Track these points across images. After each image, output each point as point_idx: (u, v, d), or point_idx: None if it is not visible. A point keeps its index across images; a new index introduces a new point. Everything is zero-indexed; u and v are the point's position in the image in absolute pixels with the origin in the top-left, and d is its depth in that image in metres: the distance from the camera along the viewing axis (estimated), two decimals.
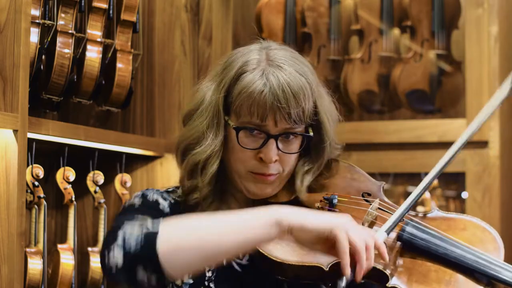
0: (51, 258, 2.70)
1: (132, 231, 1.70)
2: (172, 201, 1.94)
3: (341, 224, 1.70)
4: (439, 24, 3.57)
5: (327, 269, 1.78)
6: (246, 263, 1.92)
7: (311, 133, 1.91)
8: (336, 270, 1.76)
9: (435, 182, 3.51)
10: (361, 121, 3.62)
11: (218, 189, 1.92)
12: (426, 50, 3.58)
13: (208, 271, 1.89)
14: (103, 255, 1.71)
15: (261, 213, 1.72)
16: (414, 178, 3.57)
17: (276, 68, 1.86)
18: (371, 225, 1.89)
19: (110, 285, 2.89)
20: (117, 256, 1.68)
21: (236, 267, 1.91)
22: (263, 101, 1.83)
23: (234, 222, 1.71)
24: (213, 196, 1.91)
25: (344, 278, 1.71)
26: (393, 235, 1.86)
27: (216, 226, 1.71)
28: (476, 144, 3.25)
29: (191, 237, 1.69)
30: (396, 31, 3.69)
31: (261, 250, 1.81)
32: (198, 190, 1.90)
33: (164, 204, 1.92)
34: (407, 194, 3.62)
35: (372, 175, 2.05)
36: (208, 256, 1.69)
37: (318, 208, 1.91)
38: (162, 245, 1.67)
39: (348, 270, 1.69)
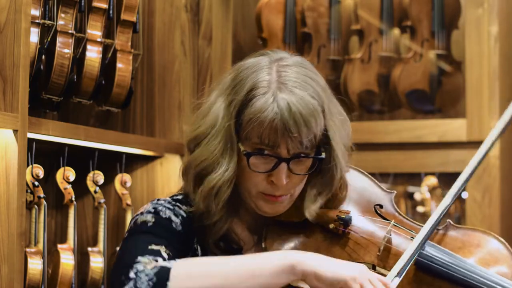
0: (51, 258, 2.70)
1: (144, 268, 1.69)
2: (184, 215, 1.90)
3: (356, 277, 1.68)
4: (439, 24, 3.57)
5: None
6: None
7: (323, 155, 1.88)
8: None
9: (435, 182, 3.51)
10: (361, 121, 3.62)
11: (231, 205, 1.90)
12: (426, 50, 3.58)
13: None
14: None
15: (275, 257, 1.71)
16: (414, 178, 3.57)
17: (287, 93, 1.81)
18: (387, 245, 1.88)
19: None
20: None
21: None
22: (274, 128, 1.80)
23: (249, 268, 1.70)
24: (226, 215, 1.89)
25: None
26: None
27: (229, 270, 1.70)
28: (476, 144, 3.24)
29: (204, 281, 1.68)
30: (396, 31, 3.69)
31: None
32: (212, 215, 1.88)
33: (177, 222, 1.88)
34: (407, 194, 3.63)
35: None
36: None
37: (333, 229, 1.89)
38: (174, 286, 1.67)
39: None
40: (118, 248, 2.89)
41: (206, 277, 1.69)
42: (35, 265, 2.49)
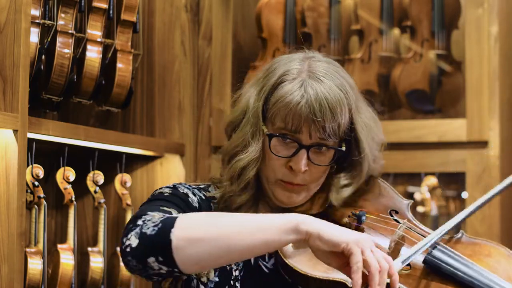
0: (51, 258, 2.70)
1: (152, 217, 1.71)
2: (203, 197, 1.95)
3: (358, 241, 1.68)
4: (439, 24, 3.56)
5: (351, 285, 1.76)
6: (272, 267, 1.93)
7: (343, 148, 1.91)
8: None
9: (435, 182, 3.51)
10: None
11: (256, 194, 1.94)
12: (426, 50, 3.58)
13: (235, 270, 1.90)
14: (121, 240, 1.72)
15: (280, 216, 1.71)
16: (414, 178, 3.57)
17: (315, 80, 1.87)
18: (397, 245, 1.89)
19: (110, 285, 2.89)
20: (133, 238, 1.68)
21: (264, 269, 1.93)
22: (298, 112, 1.84)
23: (253, 222, 1.70)
24: (252, 200, 1.93)
25: None
26: (420, 258, 1.85)
27: (234, 223, 1.70)
28: (476, 144, 3.25)
29: (208, 230, 1.68)
30: (396, 31, 3.69)
31: (285, 260, 1.82)
32: (236, 195, 1.92)
33: (194, 199, 1.92)
34: (407, 194, 3.62)
35: None
36: (221, 253, 1.67)
37: (346, 223, 1.92)
38: (177, 233, 1.66)
39: None
40: (118, 248, 2.90)
41: (211, 226, 1.69)
42: (35, 265, 2.49)
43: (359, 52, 3.68)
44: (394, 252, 1.88)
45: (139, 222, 1.71)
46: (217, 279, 1.89)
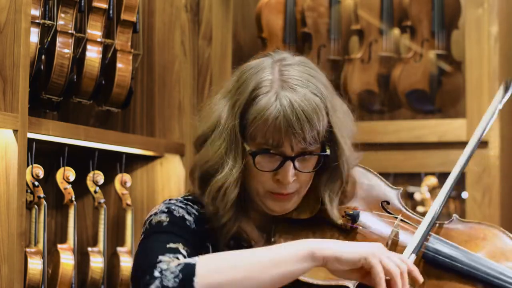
0: (51, 258, 2.70)
1: (169, 267, 1.71)
2: (197, 214, 1.93)
3: (374, 253, 1.72)
4: (439, 24, 3.57)
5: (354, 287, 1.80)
6: None
7: (328, 151, 1.91)
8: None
9: (435, 182, 3.51)
10: (361, 121, 3.61)
11: (240, 205, 1.93)
12: (426, 50, 3.58)
13: None
14: None
15: (295, 246, 1.73)
16: (414, 178, 3.57)
17: (289, 90, 1.84)
18: (396, 238, 1.90)
19: (110, 285, 2.89)
20: None
21: None
22: (278, 127, 1.83)
23: (271, 258, 1.72)
24: (235, 215, 1.91)
25: None
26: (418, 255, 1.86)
27: (253, 262, 1.72)
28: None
29: (229, 274, 1.70)
30: (396, 31, 3.69)
31: None
32: (221, 216, 1.90)
33: (191, 220, 1.91)
34: (407, 194, 3.63)
35: None
36: None
37: (341, 225, 1.92)
38: (200, 282, 1.68)
39: None
40: (118, 248, 2.90)
41: (230, 269, 1.70)
42: (35, 265, 2.49)
43: (359, 52, 3.68)
44: (392, 247, 1.89)
45: (156, 273, 1.70)
46: None
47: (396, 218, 1.93)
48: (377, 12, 3.65)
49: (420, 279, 1.76)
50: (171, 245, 1.79)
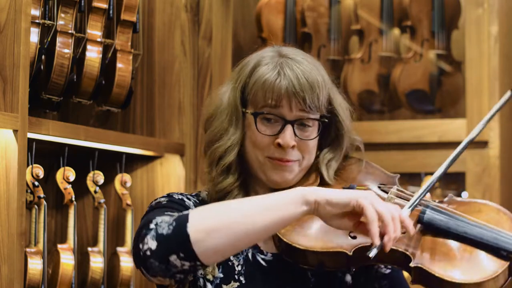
0: (51, 258, 2.70)
1: (163, 219, 1.74)
2: (197, 201, 1.99)
3: (366, 196, 1.73)
4: (439, 24, 3.57)
5: (351, 253, 1.81)
6: (271, 258, 1.95)
7: (326, 120, 1.97)
8: (360, 254, 1.79)
9: None
10: (361, 121, 3.62)
11: (242, 183, 1.98)
12: (426, 50, 3.58)
13: (237, 265, 1.93)
14: (137, 247, 1.75)
15: (287, 192, 1.76)
16: (414, 178, 3.57)
17: (290, 60, 1.93)
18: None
19: (110, 285, 2.89)
20: (150, 242, 1.72)
21: (262, 262, 1.95)
22: (278, 86, 1.90)
23: (264, 203, 1.74)
24: (237, 190, 1.96)
25: (374, 249, 1.71)
26: (414, 217, 1.88)
27: (245, 207, 1.74)
28: (476, 144, 3.25)
29: (222, 218, 1.72)
30: (396, 31, 3.69)
31: (284, 239, 1.85)
32: (218, 182, 1.95)
33: (189, 202, 1.96)
34: None
35: None
36: (239, 238, 1.71)
37: None
38: (193, 227, 1.70)
39: (377, 240, 1.71)
40: (118, 248, 2.90)
41: (223, 213, 1.73)
42: (35, 265, 2.49)
43: (359, 52, 3.68)
44: None
45: (152, 226, 1.74)
46: (221, 275, 1.92)
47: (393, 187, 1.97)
48: (377, 12, 3.65)
49: (411, 229, 1.76)
50: (169, 212, 1.82)
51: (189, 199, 1.97)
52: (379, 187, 2.00)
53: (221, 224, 1.71)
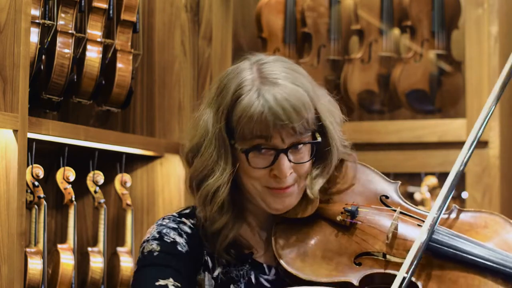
0: (51, 258, 2.70)
1: None
2: (189, 231, 1.93)
3: None
4: (439, 24, 3.57)
5: (357, 284, 1.80)
6: (274, 277, 1.93)
7: (319, 139, 1.90)
8: (366, 282, 1.79)
9: (435, 182, 3.51)
10: (361, 121, 3.62)
11: (236, 212, 1.92)
12: (426, 50, 3.58)
13: (240, 284, 1.91)
14: None
15: None
16: (414, 178, 3.57)
17: (270, 85, 1.84)
18: (395, 233, 1.89)
19: (110, 285, 2.89)
20: None
21: (265, 283, 1.93)
22: (264, 121, 1.82)
23: None
24: (232, 221, 1.91)
25: None
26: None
27: None
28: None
29: None
30: (396, 31, 3.69)
31: (289, 270, 1.83)
32: (212, 220, 1.90)
33: (182, 242, 1.91)
34: (407, 194, 3.63)
35: None
36: None
37: (341, 221, 1.91)
38: None
39: None
40: (118, 248, 2.90)
41: None
42: (35, 265, 2.49)
43: (359, 52, 3.68)
44: (393, 240, 1.88)
45: None
46: None
47: (396, 210, 1.93)
48: (377, 12, 3.65)
49: None
50: (161, 282, 1.80)
51: (181, 234, 1.92)
52: (381, 201, 1.97)
53: None
